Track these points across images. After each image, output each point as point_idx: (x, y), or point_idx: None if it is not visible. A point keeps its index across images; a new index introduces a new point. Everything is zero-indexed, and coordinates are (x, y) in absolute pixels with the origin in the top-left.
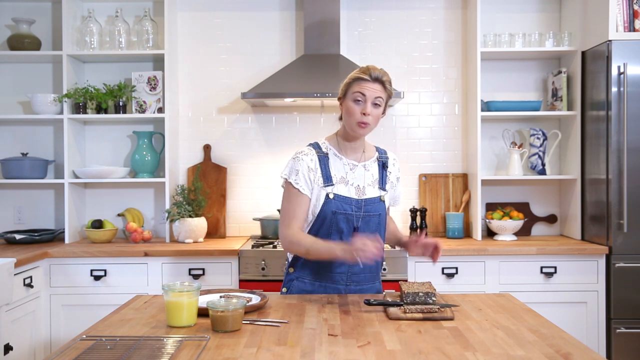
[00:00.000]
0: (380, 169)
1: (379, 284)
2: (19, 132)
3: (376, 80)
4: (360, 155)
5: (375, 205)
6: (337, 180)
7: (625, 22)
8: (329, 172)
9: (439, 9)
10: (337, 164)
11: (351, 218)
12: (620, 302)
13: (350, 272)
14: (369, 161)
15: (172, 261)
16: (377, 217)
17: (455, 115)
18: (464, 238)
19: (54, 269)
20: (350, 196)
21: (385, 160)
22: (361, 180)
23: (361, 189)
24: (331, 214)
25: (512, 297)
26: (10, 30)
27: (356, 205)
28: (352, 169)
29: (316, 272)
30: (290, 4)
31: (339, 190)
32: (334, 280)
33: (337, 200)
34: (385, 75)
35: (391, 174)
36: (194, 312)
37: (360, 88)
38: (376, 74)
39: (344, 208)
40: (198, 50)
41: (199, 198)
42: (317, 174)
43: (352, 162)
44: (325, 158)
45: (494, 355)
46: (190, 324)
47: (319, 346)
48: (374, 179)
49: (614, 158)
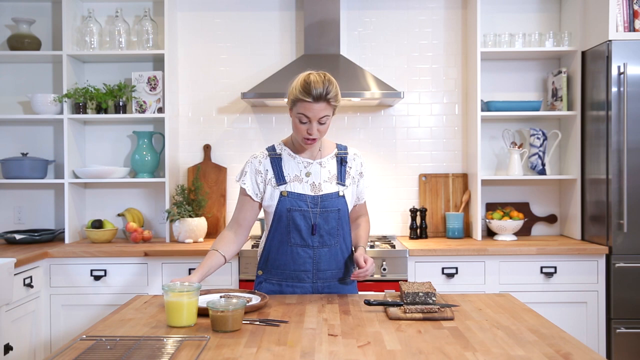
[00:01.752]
0: (339, 165)
1: (350, 280)
2: (19, 132)
3: (319, 99)
4: (316, 153)
5: (332, 200)
6: (291, 178)
7: (625, 22)
8: (281, 172)
9: (439, 9)
10: (291, 163)
11: (307, 214)
12: (620, 302)
13: (315, 270)
14: (326, 158)
15: (172, 261)
16: (335, 212)
17: (455, 115)
18: (464, 238)
19: (54, 269)
20: (305, 193)
21: (344, 156)
22: (317, 177)
23: (317, 185)
24: (286, 211)
25: (512, 297)
26: (10, 30)
27: (312, 201)
28: (307, 167)
29: (282, 273)
30: (290, 4)
31: (292, 188)
32: (300, 279)
33: (291, 198)
34: (330, 90)
35: (351, 169)
36: (194, 312)
37: (304, 110)
38: (318, 92)
39: (298, 205)
40: (198, 50)
41: (199, 198)
42: (269, 175)
43: (306, 160)
44: (278, 159)
45: (494, 355)
46: (190, 324)
47: (319, 346)
48: (330, 175)
49: (614, 158)
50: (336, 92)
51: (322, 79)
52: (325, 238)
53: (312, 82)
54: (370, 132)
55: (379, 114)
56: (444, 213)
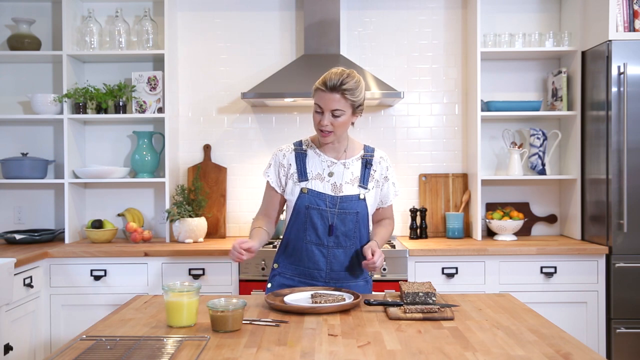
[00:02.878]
0: (363, 167)
1: (363, 282)
2: (19, 132)
3: (333, 90)
4: (341, 154)
5: (352, 203)
6: (313, 176)
7: (625, 22)
8: (304, 168)
9: (439, 9)
10: (315, 161)
11: (325, 214)
12: (620, 302)
13: (328, 269)
14: (351, 159)
15: (172, 261)
16: (354, 215)
17: (455, 115)
18: (464, 238)
19: (54, 269)
20: (325, 192)
21: (369, 159)
22: (339, 178)
23: (338, 186)
24: (304, 208)
25: (512, 297)
26: (10, 30)
27: (331, 201)
28: (331, 166)
29: (296, 268)
30: (290, 4)
31: (313, 186)
32: (313, 277)
33: (311, 195)
34: (345, 83)
35: (376, 172)
36: (194, 312)
37: (318, 99)
38: (332, 83)
39: (317, 203)
40: (198, 50)
41: (199, 198)
42: (292, 169)
43: (331, 159)
44: (303, 155)
45: (494, 355)
46: (190, 324)
47: (319, 346)
48: (353, 177)
49: (614, 158)
50: (354, 87)
51: (341, 72)
52: (341, 239)
53: (331, 73)
54: (370, 132)
55: (379, 114)
56: (444, 213)
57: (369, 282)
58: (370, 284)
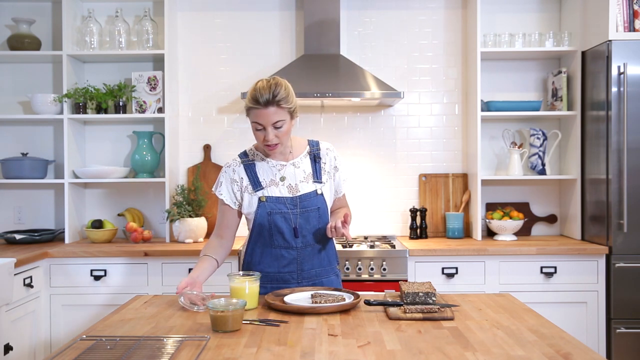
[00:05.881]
0: (313, 162)
1: (334, 277)
2: (19, 132)
3: (268, 105)
4: (287, 155)
5: (311, 200)
6: (267, 183)
7: (625, 22)
8: (256, 177)
9: (439, 9)
10: (265, 168)
11: (288, 216)
12: (620, 302)
13: (299, 270)
14: (299, 157)
15: (172, 261)
16: (315, 211)
17: (455, 115)
18: (464, 238)
19: (54, 269)
20: (283, 195)
21: (317, 152)
22: (292, 178)
23: (294, 186)
24: (267, 215)
25: (512, 297)
26: (10, 30)
27: (291, 203)
28: (281, 170)
29: (266, 276)
30: (290, 4)
31: (270, 192)
32: (285, 280)
33: (270, 202)
34: (277, 92)
35: (326, 164)
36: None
37: (255, 118)
38: (265, 98)
39: (279, 208)
40: (198, 50)
41: (199, 198)
42: (244, 182)
43: (279, 162)
44: (252, 165)
45: (494, 355)
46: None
47: (319, 346)
48: (306, 175)
49: (614, 158)
50: (286, 95)
51: (268, 84)
52: (307, 238)
53: (258, 89)
54: (370, 132)
55: (379, 114)
56: (444, 213)
57: (339, 276)
58: (340, 277)
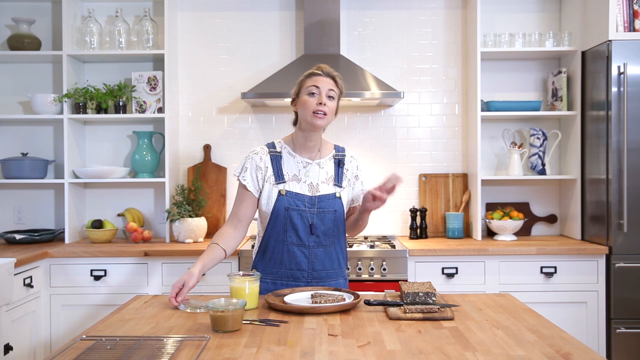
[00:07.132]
0: (336, 166)
1: (343, 280)
2: (19, 132)
3: (328, 76)
4: (315, 154)
5: (329, 201)
6: (290, 177)
7: (625, 22)
8: (281, 170)
9: (439, 9)
10: (290, 162)
11: (305, 214)
12: (620, 302)
13: (310, 269)
14: (324, 159)
15: (172, 261)
16: (332, 213)
17: (455, 115)
18: (464, 238)
19: (54, 269)
20: (303, 193)
21: (341, 158)
22: (315, 178)
23: (314, 186)
24: (284, 210)
25: (512, 297)
26: (10, 30)
27: (309, 201)
28: (306, 167)
29: (277, 272)
30: (290, 4)
31: (291, 187)
32: (295, 278)
33: (289, 197)
34: (336, 73)
35: (348, 171)
36: (255, 296)
37: (314, 82)
38: (327, 71)
39: (296, 204)
40: (198, 50)
41: (199, 198)
42: (268, 172)
43: (305, 160)
44: (278, 157)
45: (494, 355)
46: (252, 307)
47: (319, 346)
48: (328, 176)
49: (614, 158)
50: (341, 78)
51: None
52: (321, 238)
53: (320, 65)
54: (370, 132)
55: (379, 114)
56: (444, 213)
57: (347, 280)
58: (347, 281)
